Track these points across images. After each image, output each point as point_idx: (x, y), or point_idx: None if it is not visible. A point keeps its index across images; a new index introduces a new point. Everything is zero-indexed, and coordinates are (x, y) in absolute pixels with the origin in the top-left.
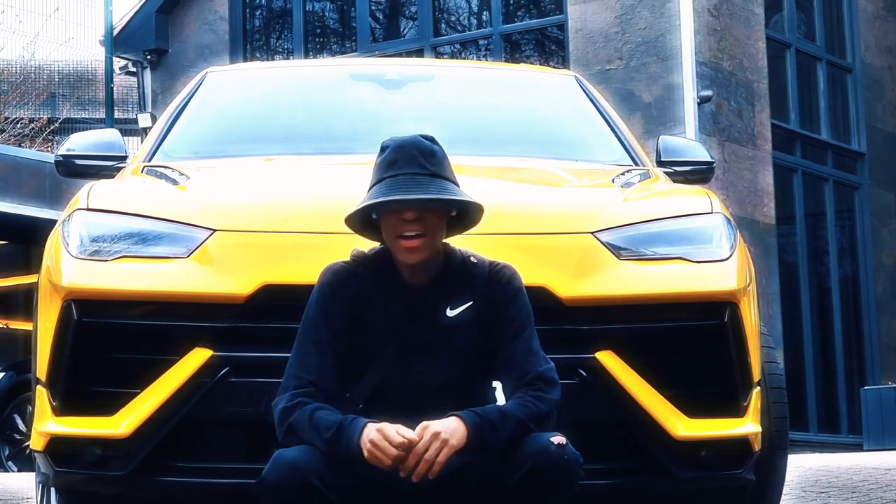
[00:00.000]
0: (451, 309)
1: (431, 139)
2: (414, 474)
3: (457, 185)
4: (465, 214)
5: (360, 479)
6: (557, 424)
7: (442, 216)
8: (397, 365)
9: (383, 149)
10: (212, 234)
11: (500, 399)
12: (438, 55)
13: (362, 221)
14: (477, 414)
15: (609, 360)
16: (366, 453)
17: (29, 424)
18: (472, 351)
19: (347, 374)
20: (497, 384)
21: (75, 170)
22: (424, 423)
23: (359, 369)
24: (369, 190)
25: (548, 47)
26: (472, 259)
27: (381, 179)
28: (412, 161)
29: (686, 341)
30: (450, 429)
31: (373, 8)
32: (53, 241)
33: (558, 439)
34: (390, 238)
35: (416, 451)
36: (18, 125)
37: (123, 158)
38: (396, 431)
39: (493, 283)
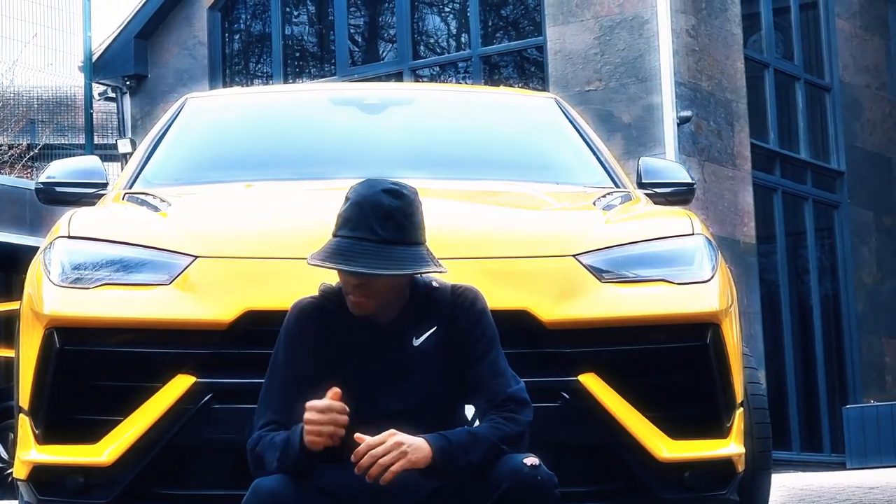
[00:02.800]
0: (416, 338)
1: (397, 193)
2: (367, 475)
3: (417, 243)
4: None
5: (337, 502)
6: (541, 446)
7: (385, 281)
8: (366, 397)
9: (346, 198)
10: (194, 261)
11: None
12: (418, 78)
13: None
14: (444, 437)
15: (592, 382)
16: (305, 439)
17: (11, 453)
18: (441, 377)
19: None
20: (469, 408)
21: (56, 197)
22: (392, 430)
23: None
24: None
25: (527, 69)
26: (434, 284)
27: (335, 234)
28: (363, 224)
29: (669, 363)
30: (414, 444)
31: (352, 31)
32: (35, 268)
33: (531, 460)
34: (343, 289)
35: (373, 453)
36: None
37: (104, 185)
38: (318, 403)
39: (456, 306)
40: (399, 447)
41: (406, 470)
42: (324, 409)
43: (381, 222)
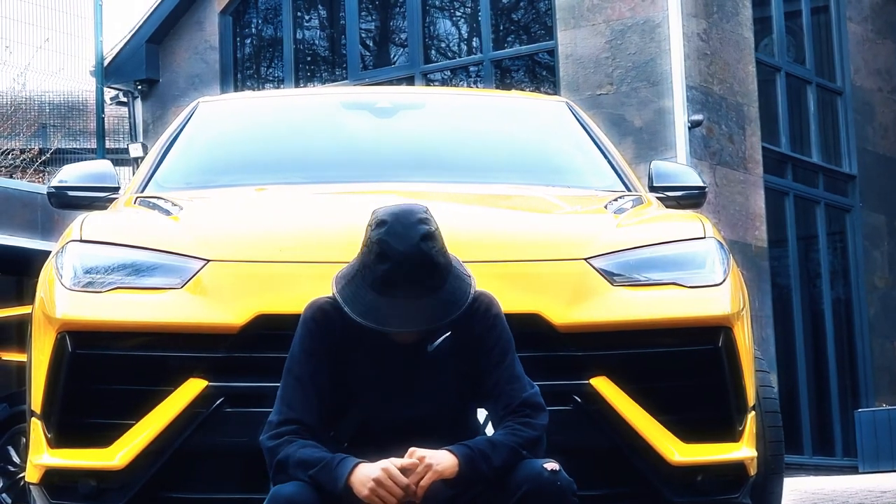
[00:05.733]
0: (430, 344)
1: (428, 234)
2: (396, 496)
3: (448, 263)
4: None
5: None
6: (552, 450)
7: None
8: (379, 403)
9: (382, 256)
10: (205, 265)
11: (489, 430)
12: (429, 82)
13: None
14: (466, 446)
15: (604, 385)
16: (367, 492)
17: (24, 457)
18: (454, 383)
19: (332, 412)
20: (482, 412)
21: (68, 201)
22: (412, 448)
23: (343, 407)
24: (367, 284)
25: (538, 73)
26: None
27: (382, 293)
28: (413, 283)
29: (681, 366)
30: (437, 455)
31: (363, 36)
32: (47, 272)
33: (551, 465)
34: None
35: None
36: (9, 156)
37: (116, 189)
38: (398, 471)
39: (470, 312)
40: (423, 461)
41: (434, 481)
42: (405, 487)
43: (429, 276)
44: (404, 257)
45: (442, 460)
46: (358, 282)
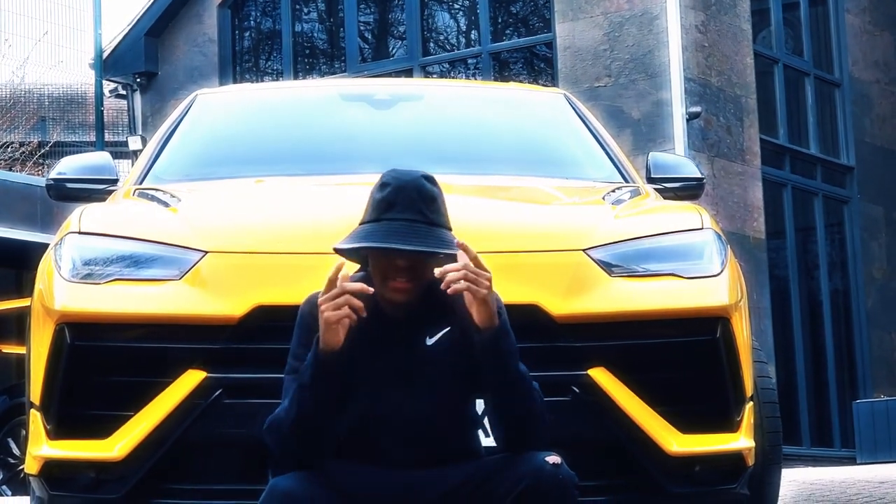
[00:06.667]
0: (429, 337)
1: (432, 180)
2: (449, 276)
3: (450, 229)
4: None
5: (353, 501)
6: (549, 440)
7: (432, 264)
8: (378, 396)
9: (384, 185)
10: (204, 256)
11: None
12: (427, 74)
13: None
14: (506, 327)
15: (602, 376)
16: (321, 329)
17: (23, 448)
18: (453, 377)
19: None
20: (479, 403)
21: (66, 193)
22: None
23: (342, 400)
24: (363, 222)
25: (536, 65)
26: None
27: (378, 219)
28: (412, 206)
29: (678, 357)
30: (493, 295)
31: (361, 28)
32: (46, 264)
33: (553, 459)
34: (378, 276)
35: (468, 264)
36: (9, 149)
37: (115, 181)
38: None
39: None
40: (487, 278)
41: (473, 304)
42: (332, 279)
43: (427, 205)
44: (406, 183)
45: (492, 300)
46: (357, 228)
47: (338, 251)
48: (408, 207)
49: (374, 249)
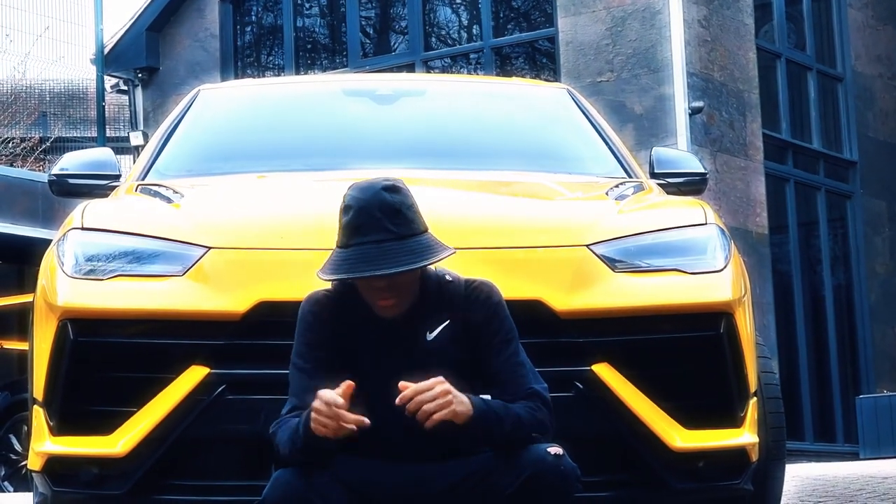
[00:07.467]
0: (429, 333)
1: (393, 188)
2: (408, 410)
3: (424, 230)
4: None
5: (358, 495)
6: (553, 436)
7: (413, 274)
8: (379, 392)
9: (347, 207)
10: (207, 252)
11: None
12: (429, 69)
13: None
14: (484, 401)
15: (605, 372)
16: (312, 425)
17: (26, 444)
18: (454, 371)
19: None
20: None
21: (69, 189)
22: (440, 378)
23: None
24: (337, 246)
25: (538, 60)
26: (447, 278)
27: (347, 245)
28: (376, 226)
29: (682, 352)
30: (459, 397)
31: (363, 23)
32: (48, 260)
33: (555, 450)
34: (365, 295)
35: (421, 398)
36: (10, 145)
37: (117, 177)
38: (333, 395)
39: (470, 300)
40: (446, 395)
41: (444, 421)
42: (329, 402)
43: (391, 220)
44: (366, 202)
45: (461, 404)
46: (332, 254)
47: (320, 278)
48: (372, 229)
49: (349, 279)
